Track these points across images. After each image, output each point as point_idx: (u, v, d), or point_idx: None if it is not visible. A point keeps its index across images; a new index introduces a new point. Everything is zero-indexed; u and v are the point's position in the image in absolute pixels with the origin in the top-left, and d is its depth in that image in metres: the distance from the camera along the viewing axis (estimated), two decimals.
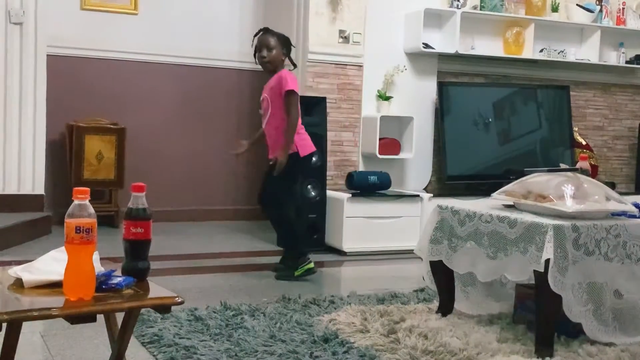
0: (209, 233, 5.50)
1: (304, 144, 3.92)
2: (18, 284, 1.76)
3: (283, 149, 3.81)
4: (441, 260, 2.94)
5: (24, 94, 4.94)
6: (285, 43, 3.95)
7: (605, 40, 6.03)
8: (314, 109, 4.94)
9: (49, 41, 5.11)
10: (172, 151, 5.94)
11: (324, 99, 5.02)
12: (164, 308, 1.77)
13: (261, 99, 3.97)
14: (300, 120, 3.91)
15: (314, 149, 3.99)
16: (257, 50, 3.93)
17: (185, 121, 5.96)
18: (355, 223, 4.81)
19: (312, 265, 3.93)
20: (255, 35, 3.97)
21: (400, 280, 3.95)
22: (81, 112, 5.46)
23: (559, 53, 5.92)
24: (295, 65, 4.02)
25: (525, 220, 2.58)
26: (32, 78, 4.97)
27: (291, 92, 3.78)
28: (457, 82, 5.65)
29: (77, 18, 5.59)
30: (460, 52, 5.39)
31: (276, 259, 4.39)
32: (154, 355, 2.51)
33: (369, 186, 4.96)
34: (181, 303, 1.74)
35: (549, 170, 2.98)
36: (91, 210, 1.66)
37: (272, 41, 3.89)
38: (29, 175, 4.98)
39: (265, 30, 3.96)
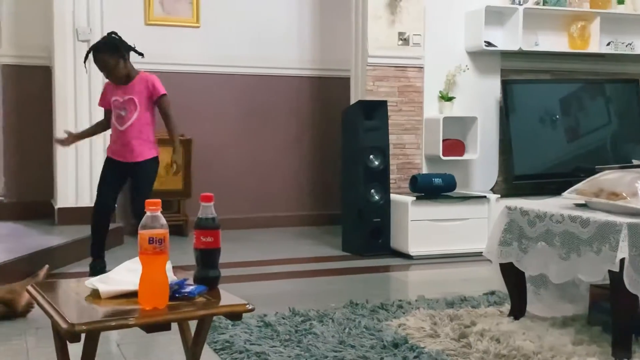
0: (275, 239, 5.55)
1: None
2: (95, 295, 1.82)
3: (177, 140, 3.98)
4: (511, 263, 2.89)
5: (93, 109, 5.09)
6: (118, 50, 3.81)
7: None
8: (374, 113, 4.92)
9: None
10: (237, 160, 6.03)
11: (384, 102, 5.00)
12: (235, 315, 1.79)
13: (121, 100, 3.87)
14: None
15: None
16: (101, 70, 3.90)
17: (248, 130, 6.04)
18: (421, 226, 4.77)
19: None
20: (86, 57, 3.86)
21: (470, 284, 3.90)
22: None
23: (626, 46, 5.74)
24: (141, 54, 3.93)
25: (598, 219, 2.51)
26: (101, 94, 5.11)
27: (165, 95, 3.90)
28: (522, 79, 5.53)
29: (142, 33, 5.71)
30: (524, 48, 5.28)
31: (341, 264, 4.39)
32: None
33: (434, 188, 4.90)
34: (252, 310, 1.76)
35: (620, 167, 2.91)
36: (163, 221, 1.69)
37: (107, 59, 3.81)
38: None
39: (96, 51, 3.82)
